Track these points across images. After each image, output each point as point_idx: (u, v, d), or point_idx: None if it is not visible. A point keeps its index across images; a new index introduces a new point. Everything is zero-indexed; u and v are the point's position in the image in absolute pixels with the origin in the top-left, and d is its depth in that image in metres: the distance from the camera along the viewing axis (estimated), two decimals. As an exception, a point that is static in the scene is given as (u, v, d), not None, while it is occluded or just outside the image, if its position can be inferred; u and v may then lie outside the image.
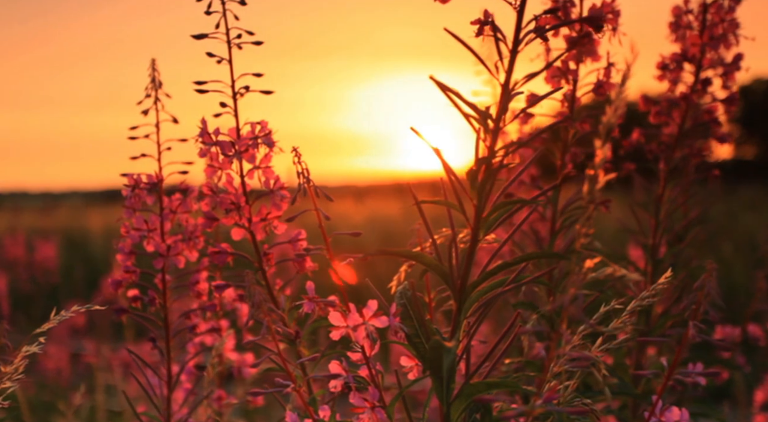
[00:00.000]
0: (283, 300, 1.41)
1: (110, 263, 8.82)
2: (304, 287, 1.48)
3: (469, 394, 1.11)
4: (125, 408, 3.94)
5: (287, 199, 1.43)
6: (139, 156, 1.56)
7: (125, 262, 1.52)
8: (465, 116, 1.05)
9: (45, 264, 4.99)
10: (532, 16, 1.07)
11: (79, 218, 13.89)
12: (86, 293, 6.09)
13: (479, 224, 1.05)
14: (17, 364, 1.22)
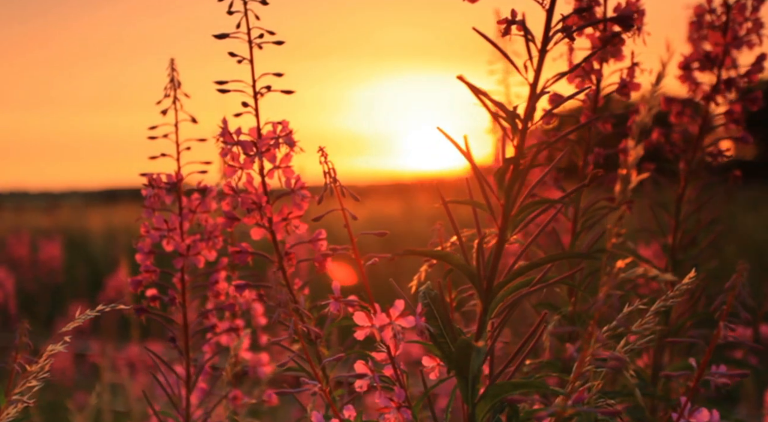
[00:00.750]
0: (303, 300, 1.41)
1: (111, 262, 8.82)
2: (321, 287, 1.48)
3: (495, 395, 1.10)
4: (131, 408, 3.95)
5: (308, 199, 1.43)
6: (159, 156, 1.56)
7: (145, 261, 1.51)
8: (493, 115, 1.04)
9: (50, 264, 4.99)
10: (560, 16, 1.06)
11: (79, 218, 13.90)
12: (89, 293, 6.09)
13: (507, 224, 1.04)
14: (43, 363, 1.21)
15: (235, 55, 1.44)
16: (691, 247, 1.69)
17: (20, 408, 1.20)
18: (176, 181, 1.52)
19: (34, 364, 1.23)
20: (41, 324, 4.69)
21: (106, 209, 15.50)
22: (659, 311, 1.15)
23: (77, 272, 6.26)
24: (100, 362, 3.64)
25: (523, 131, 1.02)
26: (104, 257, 9.78)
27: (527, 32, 1.05)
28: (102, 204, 18.10)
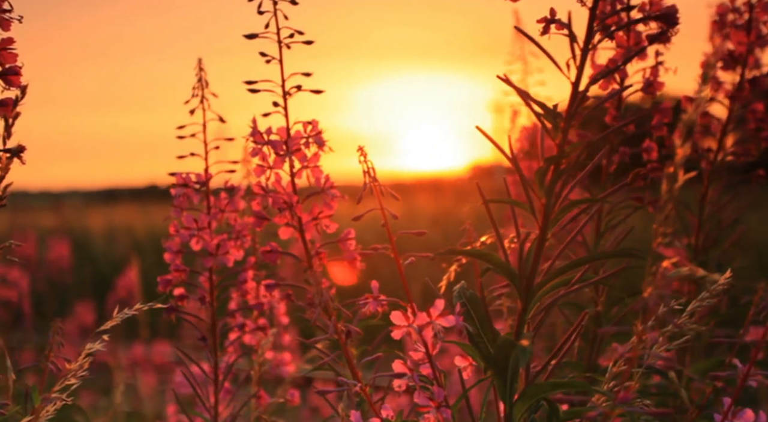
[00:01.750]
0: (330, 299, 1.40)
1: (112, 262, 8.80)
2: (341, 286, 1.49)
3: (534, 394, 1.11)
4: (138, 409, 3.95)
5: (338, 198, 1.44)
6: (188, 155, 1.56)
7: (174, 260, 1.52)
8: (536, 114, 1.05)
9: (59, 263, 4.99)
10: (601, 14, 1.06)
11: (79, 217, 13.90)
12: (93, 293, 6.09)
13: (547, 223, 1.05)
14: (81, 361, 1.22)
15: (266, 54, 1.45)
16: (713, 247, 1.70)
17: (59, 406, 1.21)
18: (205, 180, 1.53)
19: (73, 362, 1.23)
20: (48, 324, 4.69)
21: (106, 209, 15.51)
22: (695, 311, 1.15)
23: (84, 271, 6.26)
24: (111, 362, 3.64)
25: (565, 130, 1.02)
26: (105, 256, 9.77)
27: (571, 31, 1.05)
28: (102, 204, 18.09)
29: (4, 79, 1.19)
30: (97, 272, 8.11)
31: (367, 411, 1.24)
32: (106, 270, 8.18)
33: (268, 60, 1.47)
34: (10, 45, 1.19)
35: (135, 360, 4.72)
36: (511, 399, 1.12)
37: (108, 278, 7.50)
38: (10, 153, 1.22)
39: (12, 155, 1.22)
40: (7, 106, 1.21)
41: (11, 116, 1.21)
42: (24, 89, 1.21)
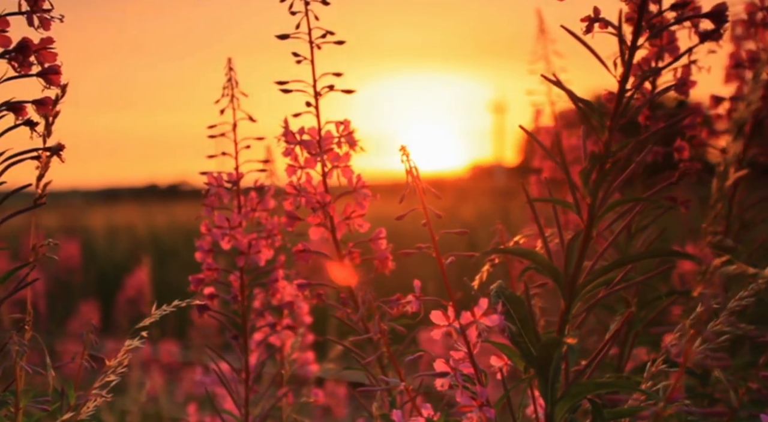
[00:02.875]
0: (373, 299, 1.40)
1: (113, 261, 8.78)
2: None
3: (576, 394, 1.11)
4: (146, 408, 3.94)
5: (369, 197, 1.44)
6: (218, 154, 1.56)
7: (206, 259, 1.52)
8: (582, 113, 1.05)
9: (69, 262, 4.99)
10: (652, 13, 1.06)
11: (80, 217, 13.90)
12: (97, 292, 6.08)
13: (593, 222, 1.05)
14: (121, 358, 1.22)
15: (298, 55, 1.45)
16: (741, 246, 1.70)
17: (99, 403, 1.21)
18: (237, 179, 1.53)
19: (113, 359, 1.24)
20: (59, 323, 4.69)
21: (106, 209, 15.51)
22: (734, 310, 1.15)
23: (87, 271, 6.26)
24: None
25: (612, 129, 1.02)
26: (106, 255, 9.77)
27: (620, 30, 1.05)
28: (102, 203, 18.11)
29: (44, 78, 1.19)
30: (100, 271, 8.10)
31: (407, 410, 1.24)
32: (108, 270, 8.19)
33: (299, 60, 1.47)
34: (50, 44, 1.19)
35: (142, 360, 4.72)
36: (553, 398, 1.12)
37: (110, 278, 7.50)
38: (50, 151, 1.22)
39: (52, 154, 1.23)
40: (46, 105, 1.21)
41: (51, 115, 1.21)
42: (64, 88, 1.21)
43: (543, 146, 1.12)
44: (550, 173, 2.24)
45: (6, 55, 1.17)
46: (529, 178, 2.26)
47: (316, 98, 1.46)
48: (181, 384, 4.42)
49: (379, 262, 1.45)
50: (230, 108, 1.58)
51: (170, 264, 8.42)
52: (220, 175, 1.53)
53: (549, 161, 2.24)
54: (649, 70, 1.12)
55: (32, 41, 1.16)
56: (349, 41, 1.49)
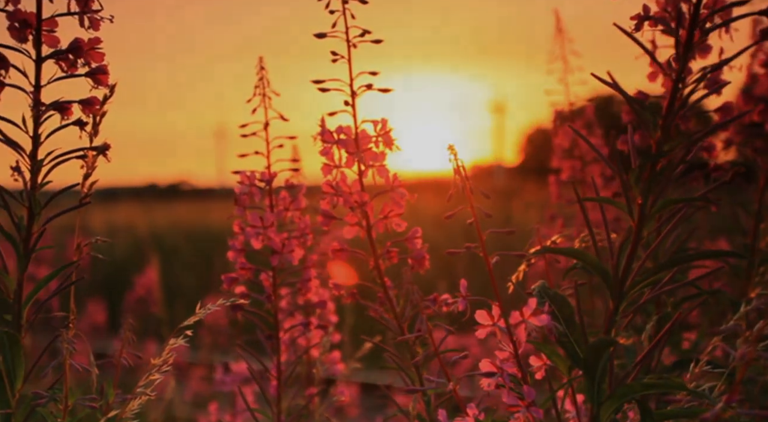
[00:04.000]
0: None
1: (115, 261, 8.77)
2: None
3: (624, 395, 1.11)
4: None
5: (406, 196, 1.44)
6: (251, 153, 1.57)
7: (239, 258, 1.52)
8: (636, 112, 1.05)
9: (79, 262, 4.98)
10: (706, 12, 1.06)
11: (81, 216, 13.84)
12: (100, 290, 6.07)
13: (643, 222, 1.06)
14: (166, 356, 1.22)
15: (337, 53, 1.45)
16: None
17: (143, 400, 1.21)
18: (270, 178, 1.53)
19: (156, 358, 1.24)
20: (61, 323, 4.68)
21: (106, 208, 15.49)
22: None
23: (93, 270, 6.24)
24: (134, 361, 3.62)
25: (665, 128, 1.03)
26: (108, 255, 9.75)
27: (676, 27, 1.05)
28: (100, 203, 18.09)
29: (93, 78, 1.20)
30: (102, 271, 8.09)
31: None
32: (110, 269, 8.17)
33: (335, 59, 1.47)
34: (98, 44, 1.19)
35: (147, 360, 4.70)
36: (599, 399, 1.12)
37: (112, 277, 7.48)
38: (97, 151, 1.23)
39: (98, 153, 1.23)
40: (93, 104, 1.21)
41: (99, 114, 1.22)
42: (112, 88, 1.21)
43: (597, 151, 1.12)
44: (570, 173, 2.24)
45: (57, 55, 1.17)
46: (549, 178, 2.27)
47: (352, 97, 1.46)
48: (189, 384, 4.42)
49: (415, 261, 1.45)
50: (262, 107, 1.58)
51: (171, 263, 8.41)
52: (253, 174, 1.53)
53: (568, 161, 2.24)
54: (709, 67, 1.11)
55: (85, 41, 1.17)
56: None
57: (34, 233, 1.23)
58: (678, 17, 1.05)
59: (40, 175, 1.23)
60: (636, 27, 1.08)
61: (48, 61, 1.18)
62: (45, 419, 1.19)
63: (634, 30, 1.08)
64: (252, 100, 1.58)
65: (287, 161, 1.60)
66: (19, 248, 1.20)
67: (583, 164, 2.23)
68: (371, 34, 1.46)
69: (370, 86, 1.45)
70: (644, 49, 1.06)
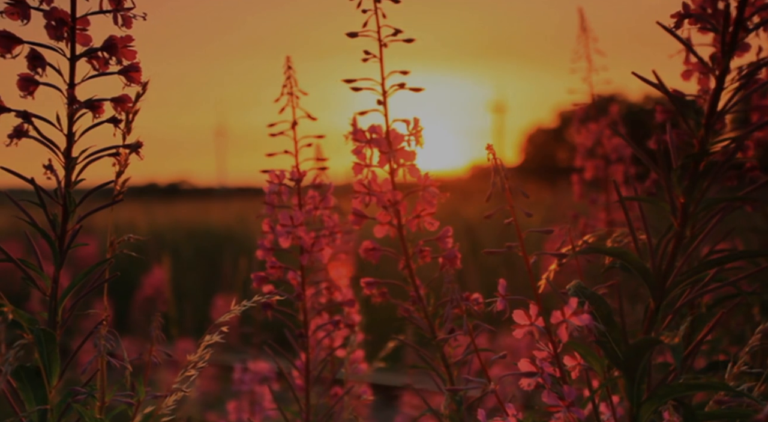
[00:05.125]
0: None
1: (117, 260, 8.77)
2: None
3: (664, 395, 1.10)
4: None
5: (438, 196, 1.44)
6: (281, 152, 1.56)
7: (269, 257, 1.52)
8: (680, 111, 1.04)
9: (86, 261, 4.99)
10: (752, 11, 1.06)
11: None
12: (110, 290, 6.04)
13: (686, 221, 1.05)
14: (201, 353, 1.22)
15: (369, 52, 1.45)
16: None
17: (179, 397, 1.21)
18: (300, 177, 1.52)
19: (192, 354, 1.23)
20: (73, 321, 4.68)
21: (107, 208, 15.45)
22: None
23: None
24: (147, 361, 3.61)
25: (708, 127, 1.02)
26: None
27: (722, 25, 1.04)
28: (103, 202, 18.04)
29: (126, 76, 1.19)
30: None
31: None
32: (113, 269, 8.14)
33: (366, 58, 1.47)
34: (130, 42, 1.18)
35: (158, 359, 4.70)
36: (639, 399, 1.11)
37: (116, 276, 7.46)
38: (130, 149, 1.22)
39: (131, 151, 1.22)
40: (125, 102, 1.21)
41: (131, 112, 1.21)
42: (145, 86, 1.20)
43: (643, 158, 1.11)
44: (593, 172, 2.24)
45: (91, 52, 1.16)
46: (572, 177, 2.26)
47: (384, 96, 1.45)
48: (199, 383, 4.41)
49: (447, 260, 1.44)
50: (289, 106, 1.58)
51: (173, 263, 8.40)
52: (283, 173, 1.52)
53: (592, 161, 2.24)
54: (754, 65, 1.11)
55: (119, 39, 1.16)
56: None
57: (69, 230, 1.22)
58: (724, 16, 1.05)
59: (73, 173, 1.22)
60: (676, 25, 1.07)
61: (79, 59, 1.18)
62: (81, 415, 1.19)
63: (674, 28, 1.07)
64: (280, 99, 1.58)
65: (315, 159, 1.59)
66: (55, 246, 1.20)
67: (606, 163, 2.22)
68: (403, 32, 1.46)
69: (403, 85, 1.45)
70: (688, 48, 1.06)
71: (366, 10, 1.44)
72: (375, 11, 1.44)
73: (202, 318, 4.58)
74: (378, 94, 1.46)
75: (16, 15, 1.10)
